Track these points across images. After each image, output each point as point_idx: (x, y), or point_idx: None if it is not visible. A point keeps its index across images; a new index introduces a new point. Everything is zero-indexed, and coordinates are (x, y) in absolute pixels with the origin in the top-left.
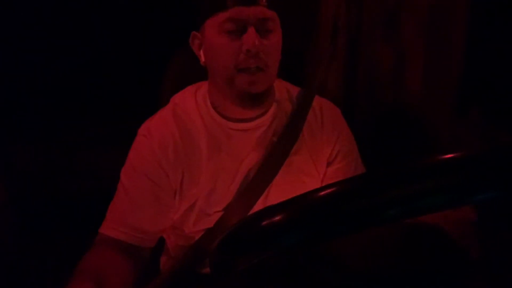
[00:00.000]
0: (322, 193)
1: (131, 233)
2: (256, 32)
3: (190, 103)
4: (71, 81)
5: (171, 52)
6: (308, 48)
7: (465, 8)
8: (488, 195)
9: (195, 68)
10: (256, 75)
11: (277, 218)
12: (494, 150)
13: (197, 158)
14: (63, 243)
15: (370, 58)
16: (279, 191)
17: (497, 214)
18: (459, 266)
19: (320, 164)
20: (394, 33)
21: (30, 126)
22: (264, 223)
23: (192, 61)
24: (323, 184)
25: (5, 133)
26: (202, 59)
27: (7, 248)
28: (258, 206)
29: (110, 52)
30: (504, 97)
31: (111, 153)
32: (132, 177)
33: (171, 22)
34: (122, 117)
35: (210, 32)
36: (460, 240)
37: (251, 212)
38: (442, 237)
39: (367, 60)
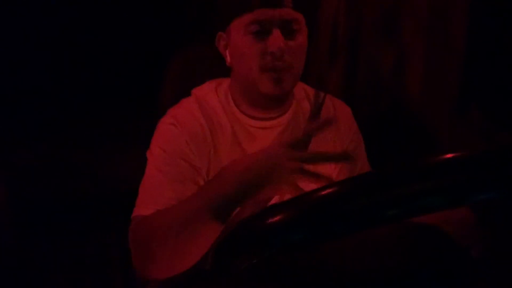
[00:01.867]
0: (323, 193)
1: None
2: (282, 33)
3: (213, 98)
4: (71, 81)
5: (171, 52)
6: (308, 48)
7: (465, 8)
8: (488, 196)
9: (195, 68)
10: (281, 74)
11: (277, 218)
12: (494, 150)
13: (221, 151)
14: (63, 242)
15: (370, 58)
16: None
17: (499, 214)
18: (457, 266)
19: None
20: (394, 33)
21: (30, 126)
22: (264, 223)
23: (192, 61)
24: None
25: (6, 132)
26: (228, 59)
27: (7, 247)
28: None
29: (110, 53)
30: (504, 97)
31: (111, 153)
32: (166, 158)
33: (171, 23)
34: (122, 117)
35: (235, 33)
36: (461, 240)
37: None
38: (439, 238)
39: (367, 60)
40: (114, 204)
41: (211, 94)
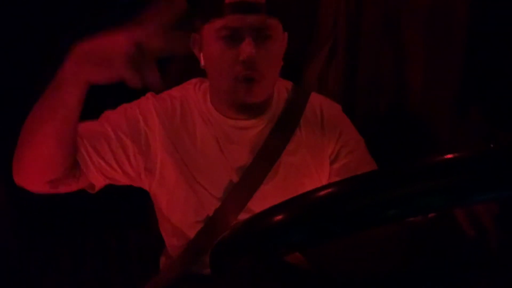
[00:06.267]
0: (321, 193)
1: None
2: (253, 40)
3: (191, 95)
4: None
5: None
6: (308, 48)
7: (465, 8)
8: (488, 196)
9: (195, 68)
10: (252, 84)
11: (276, 218)
12: (494, 150)
13: (189, 146)
14: (63, 243)
15: (370, 58)
16: (277, 192)
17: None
18: (456, 265)
19: (320, 164)
20: (394, 33)
21: None
22: (263, 223)
23: (192, 61)
24: (328, 182)
25: (5, 132)
26: (202, 62)
27: (7, 248)
28: (256, 208)
29: None
30: (504, 97)
31: None
32: (112, 112)
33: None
34: None
35: (207, 37)
36: (479, 231)
37: (245, 209)
38: (438, 237)
39: (367, 60)
40: (114, 204)
41: (190, 91)
